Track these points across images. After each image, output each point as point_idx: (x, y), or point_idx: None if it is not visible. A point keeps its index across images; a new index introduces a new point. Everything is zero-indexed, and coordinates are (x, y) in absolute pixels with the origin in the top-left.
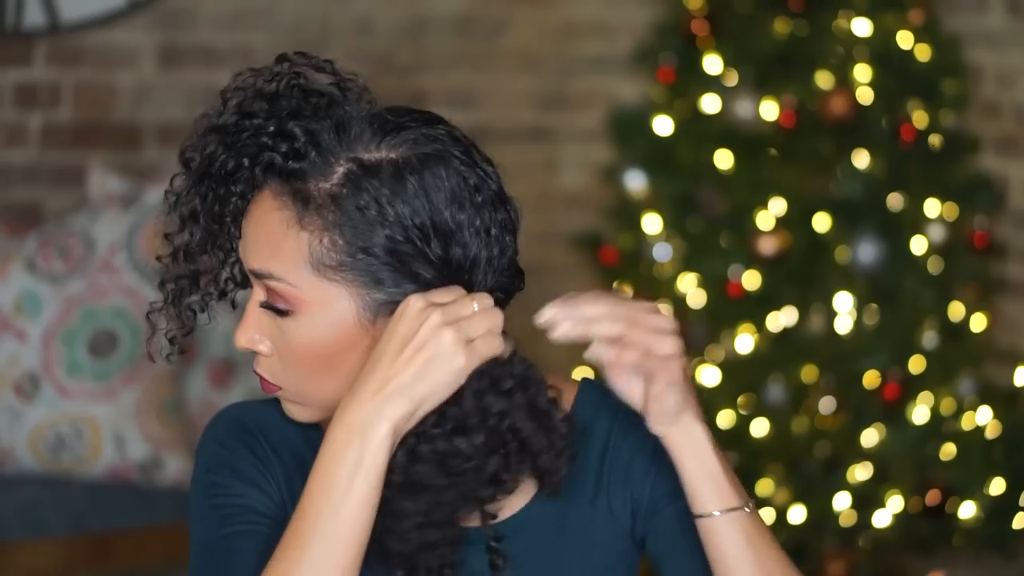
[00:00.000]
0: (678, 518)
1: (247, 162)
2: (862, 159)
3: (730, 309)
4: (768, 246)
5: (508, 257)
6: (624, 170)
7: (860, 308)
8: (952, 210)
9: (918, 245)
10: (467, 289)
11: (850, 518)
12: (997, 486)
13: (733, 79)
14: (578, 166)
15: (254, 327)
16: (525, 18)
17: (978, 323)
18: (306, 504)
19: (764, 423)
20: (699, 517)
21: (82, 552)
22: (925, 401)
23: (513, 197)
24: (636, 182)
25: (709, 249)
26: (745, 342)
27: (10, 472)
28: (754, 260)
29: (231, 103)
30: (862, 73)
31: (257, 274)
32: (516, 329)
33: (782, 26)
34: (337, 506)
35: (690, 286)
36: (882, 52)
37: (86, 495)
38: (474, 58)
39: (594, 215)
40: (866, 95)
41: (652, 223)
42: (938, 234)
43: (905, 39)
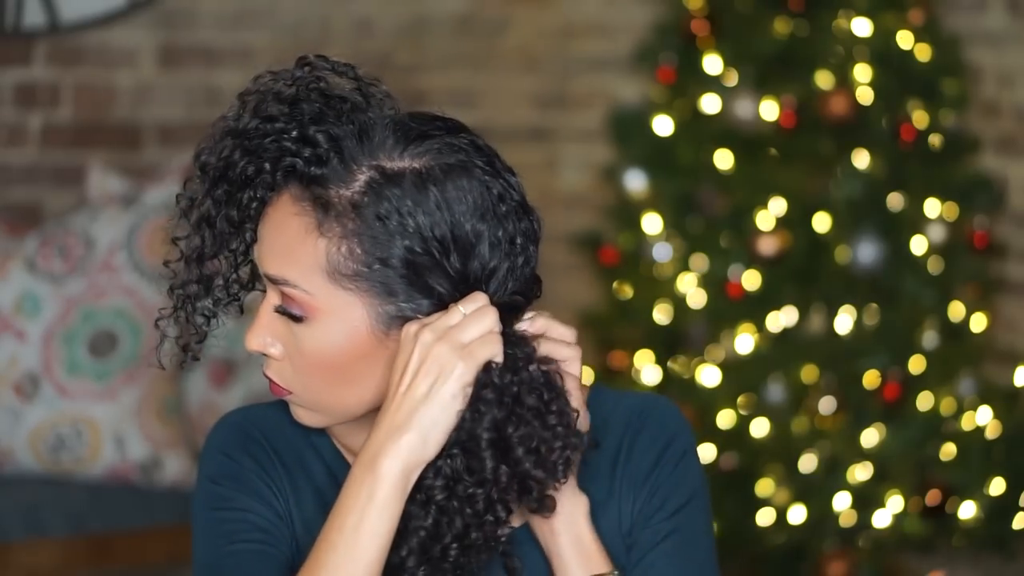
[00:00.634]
0: (665, 533)
1: (268, 167)
2: (862, 159)
3: (730, 309)
4: (768, 246)
5: (531, 267)
6: (624, 170)
7: (860, 308)
8: (952, 210)
9: (918, 245)
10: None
11: (850, 518)
12: (997, 486)
13: (733, 79)
14: (578, 166)
15: (266, 330)
16: (525, 18)
17: (978, 323)
18: (321, 538)
19: (764, 423)
20: None
21: (82, 552)
22: (925, 401)
23: (535, 207)
24: (636, 182)
25: (709, 249)
26: (745, 342)
27: (10, 472)
28: (754, 260)
29: (249, 106)
30: (862, 73)
31: (273, 279)
32: None
33: (782, 26)
34: (349, 540)
35: (690, 286)
36: (882, 52)
37: (86, 495)
38: (474, 58)
39: (594, 215)
40: (866, 95)
41: (652, 223)
42: (938, 234)
43: (905, 39)
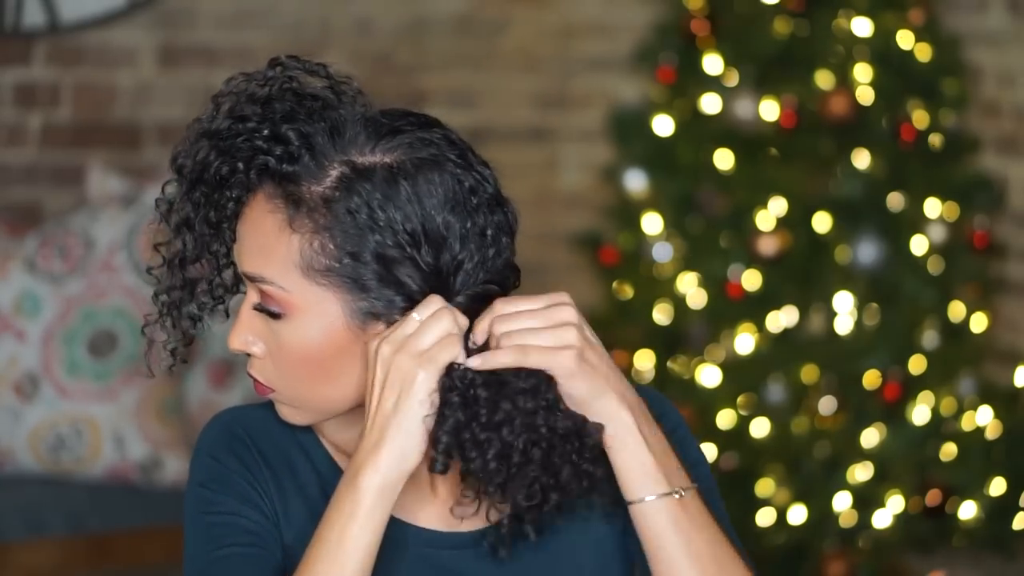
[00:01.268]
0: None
1: (241, 166)
2: (862, 159)
3: (730, 309)
4: (768, 246)
5: (504, 259)
6: (624, 170)
7: (860, 308)
8: (952, 210)
9: (918, 245)
10: (450, 291)
11: (850, 518)
12: (997, 486)
13: (733, 79)
14: (578, 166)
15: (247, 329)
16: (525, 18)
17: (978, 323)
18: (307, 551)
19: (764, 423)
20: (629, 504)
21: (82, 552)
22: (925, 401)
23: (511, 199)
24: (636, 182)
25: (709, 249)
26: (745, 342)
27: (10, 472)
28: (754, 260)
29: (223, 108)
30: (862, 73)
31: (250, 277)
32: None
33: (782, 26)
34: (333, 552)
35: (690, 286)
36: (882, 52)
37: (86, 495)
38: (474, 58)
39: (594, 215)
40: (866, 95)
41: (652, 223)
42: (938, 234)
43: (905, 39)
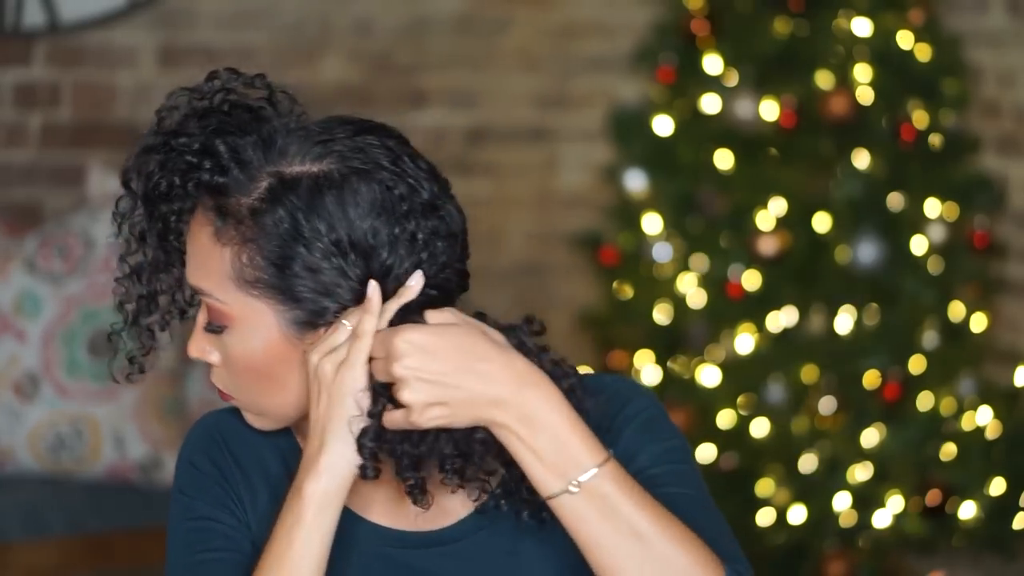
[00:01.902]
0: (649, 481)
1: (178, 180)
2: (862, 159)
3: (730, 309)
4: (768, 246)
5: (440, 263)
6: (624, 170)
7: (860, 308)
8: (952, 210)
9: (918, 245)
10: (386, 297)
11: (850, 518)
12: (997, 486)
13: (733, 79)
14: (578, 166)
15: (203, 339)
16: (525, 18)
17: (978, 323)
18: (260, 559)
19: (764, 423)
20: (548, 499)
21: (82, 552)
22: (925, 401)
23: (454, 200)
24: (636, 182)
25: (709, 249)
26: (745, 342)
27: (10, 472)
28: (754, 260)
29: (165, 123)
30: (862, 73)
31: (195, 290)
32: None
33: (782, 26)
34: (281, 560)
35: (690, 286)
36: (882, 52)
37: (86, 495)
38: (474, 58)
39: (594, 215)
40: (866, 95)
41: (652, 223)
42: (938, 234)
43: (905, 39)
